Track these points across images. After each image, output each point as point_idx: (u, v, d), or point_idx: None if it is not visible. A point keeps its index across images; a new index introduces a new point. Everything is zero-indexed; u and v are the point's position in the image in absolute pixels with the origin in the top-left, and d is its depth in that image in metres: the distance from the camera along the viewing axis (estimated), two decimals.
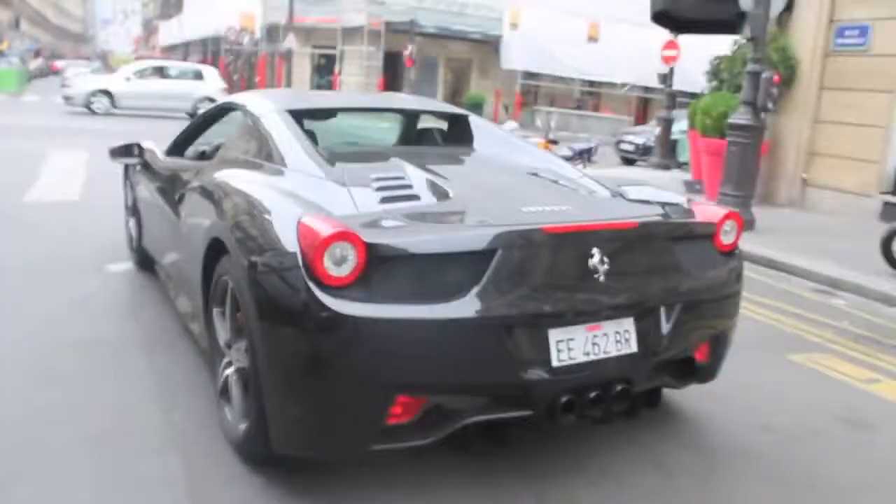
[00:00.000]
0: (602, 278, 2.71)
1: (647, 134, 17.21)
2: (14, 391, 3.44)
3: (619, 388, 2.76)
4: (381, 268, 2.46)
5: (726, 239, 3.22)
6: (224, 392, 3.06)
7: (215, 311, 3.15)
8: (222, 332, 3.11)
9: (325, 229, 2.44)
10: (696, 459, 3.15)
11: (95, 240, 6.21)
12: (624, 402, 2.81)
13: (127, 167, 5.61)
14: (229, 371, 3.02)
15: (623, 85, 31.31)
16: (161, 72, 22.59)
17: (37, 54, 69.77)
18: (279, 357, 2.56)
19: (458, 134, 4.54)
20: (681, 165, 14.87)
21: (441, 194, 2.96)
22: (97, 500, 2.64)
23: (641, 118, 30.04)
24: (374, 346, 2.43)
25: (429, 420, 2.60)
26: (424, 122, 4.91)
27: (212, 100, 21.78)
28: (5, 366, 3.70)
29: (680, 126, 14.93)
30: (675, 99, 16.53)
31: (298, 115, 3.80)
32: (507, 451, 2.97)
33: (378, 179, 3.01)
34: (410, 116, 4.90)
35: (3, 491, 2.65)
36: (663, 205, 3.28)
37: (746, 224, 8.41)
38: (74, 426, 3.13)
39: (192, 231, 3.52)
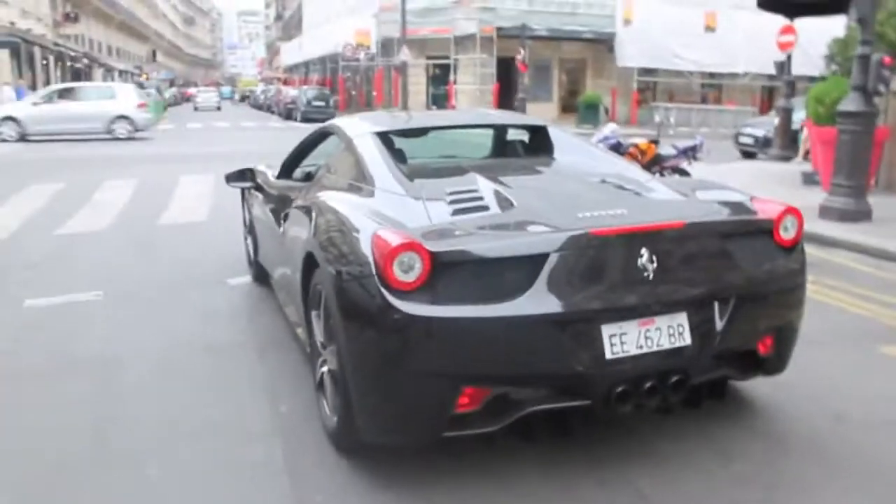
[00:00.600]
0: (651, 276, 2.93)
1: (768, 125, 16.76)
2: (150, 387, 4.05)
3: (674, 379, 2.96)
4: (446, 273, 2.78)
5: (786, 234, 3.33)
6: (321, 386, 3.49)
7: (313, 313, 3.58)
8: (318, 334, 3.54)
9: (394, 240, 2.79)
10: (760, 446, 3.31)
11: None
12: (680, 393, 3.02)
13: (243, 190, 6.21)
14: (324, 369, 3.43)
15: (745, 74, 30.38)
16: (71, 94, 22.35)
17: (171, 83, 74.96)
18: (360, 355, 2.95)
19: (537, 144, 4.82)
20: (805, 155, 14.41)
21: (507, 204, 3.24)
22: (212, 477, 3.14)
23: (766, 108, 29.06)
24: (440, 342, 2.77)
25: (494, 409, 2.91)
26: (507, 135, 5.23)
27: (126, 118, 21.40)
28: (144, 366, 4.34)
29: (801, 115, 14.49)
30: (795, 86, 16.03)
31: (386, 136, 4.22)
32: (572, 439, 3.25)
33: (452, 193, 3.37)
34: (492, 130, 5.24)
35: (137, 469, 3.20)
36: (724, 204, 3.45)
37: (860, 215, 8.25)
38: (197, 418, 3.67)
39: (293, 246, 3.98)
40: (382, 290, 2.78)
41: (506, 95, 30.18)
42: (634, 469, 3.12)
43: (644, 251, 2.93)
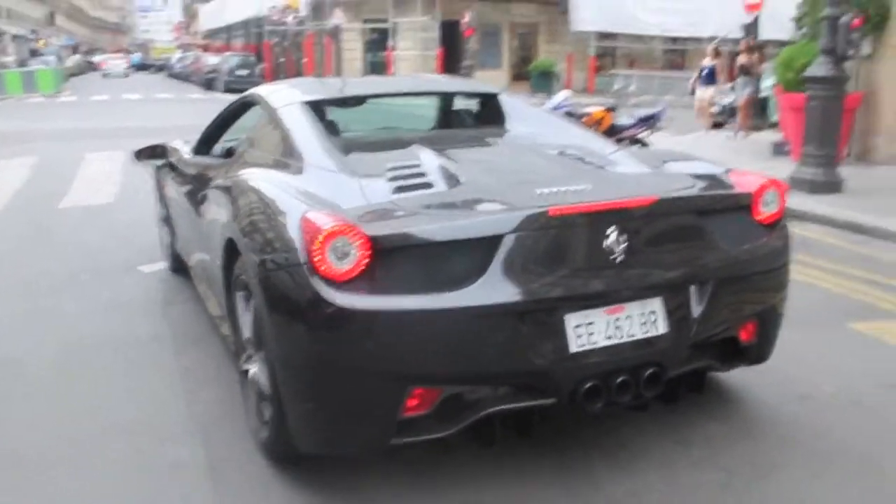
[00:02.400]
0: (620, 258, 2.89)
1: (735, 93, 17.06)
2: (50, 386, 4.00)
3: (648, 372, 2.94)
4: (386, 259, 2.70)
5: (767, 210, 3.34)
6: (248, 389, 3.38)
7: (238, 307, 3.45)
8: (244, 331, 3.41)
9: (325, 223, 2.69)
10: (722, 430, 3.42)
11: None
12: (656, 388, 2.99)
13: (157, 169, 6.07)
14: (252, 370, 3.31)
15: (711, 39, 30.85)
16: None
17: (74, 50, 73.13)
18: (291, 355, 2.85)
19: (488, 114, 4.78)
20: (773, 126, 14.74)
21: (454, 181, 3.20)
22: (123, 482, 3.11)
23: (733, 75, 29.61)
24: (383, 338, 2.70)
25: (447, 411, 2.85)
26: (454, 104, 5.20)
27: None
28: (43, 364, 4.28)
29: (769, 82, 14.81)
30: (764, 51, 16.37)
31: (317, 106, 4.13)
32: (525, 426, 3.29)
33: (391, 169, 3.31)
34: (438, 98, 5.19)
35: (40, 475, 3.17)
36: (698, 177, 3.43)
37: (831, 186, 8.51)
38: (105, 417, 3.64)
39: (212, 231, 3.89)
40: (313, 280, 2.69)
41: (451, 62, 30.13)
42: (590, 458, 3.20)
43: (611, 231, 2.89)
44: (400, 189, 3.11)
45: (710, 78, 15.25)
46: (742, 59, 14.72)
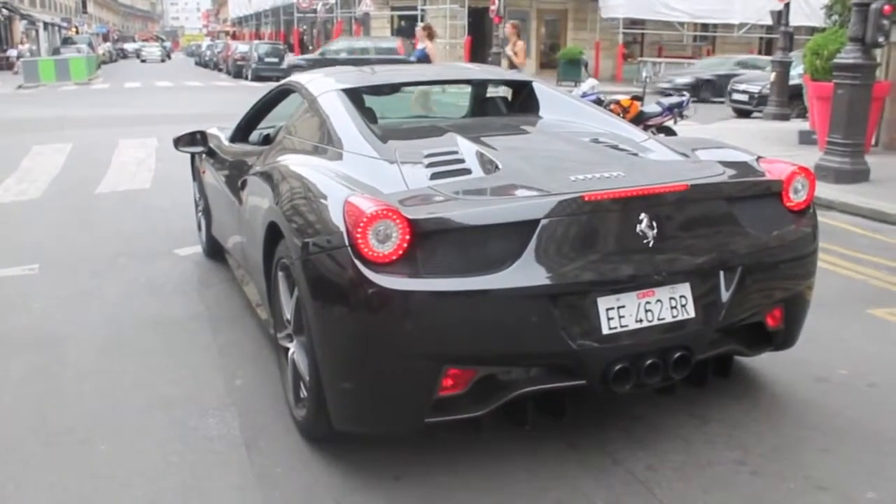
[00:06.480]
0: (651, 243, 2.99)
1: (763, 81, 17.03)
2: (96, 363, 4.20)
3: (677, 355, 3.03)
4: (426, 243, 2.80)
5: (796, 197, 3.41)
6: (287, 370, 3.52)
7: (279, 290, 3.55)
8: (283, 313, 3.53)
9: (368, 208, 2.78)
10: (737, 408, 3.55)
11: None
12: (683, 371, 3.09)
13: (194, 155, 6.22)
14: (291, 351, 3.45)
15: (741, 26, 30.67)
16: None
17: (105, 38, 73.98)
18: (332, 334, 2.97)
19: (522, 102, 4.89)
20: (803, 114, 14.68)
21: (491, 167, 3.32)
22: (164, 451, 3.30)
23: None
24: (421, 319, 2.79)
25: (481, 391, 2.94)
26: (488, 92, 5.33)
27: None
28: (85, 341, 4.49)
29: (800, 70, 14.74)
30: (793, 38, 16.27)
31: (354, 94, 4.25)
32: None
33: (429, 155, 3.45)
34: (472, 87, 5.31)
35: (87, 445, 3.36)
36: (728, 164, 3.52)
37: (857, 175, 8.55)
38: (147, 393, 3.82)
39: (253, 216, 4.02)
40: (356, 262, 2.78)
41: (478, 50, 30.23)
42: (606, 431, 3.34)
43: (643, 217, 2.98)
44: (438, 175, 3.23)
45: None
46: (508, 50, 13.04)
